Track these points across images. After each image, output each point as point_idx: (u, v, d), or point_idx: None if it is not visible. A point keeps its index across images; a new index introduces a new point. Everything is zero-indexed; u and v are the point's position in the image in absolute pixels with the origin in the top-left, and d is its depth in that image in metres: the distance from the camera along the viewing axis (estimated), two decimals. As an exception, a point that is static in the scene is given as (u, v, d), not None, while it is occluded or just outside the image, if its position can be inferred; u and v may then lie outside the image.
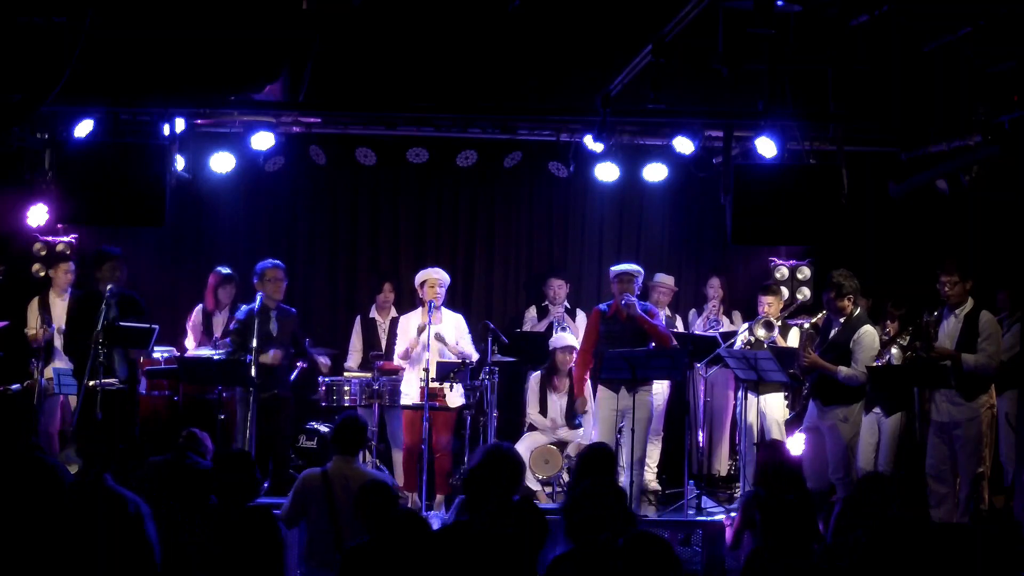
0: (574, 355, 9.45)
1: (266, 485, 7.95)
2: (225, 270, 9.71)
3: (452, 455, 9.08)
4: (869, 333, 8.24)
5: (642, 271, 9.01)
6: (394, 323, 9.67)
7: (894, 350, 8.37)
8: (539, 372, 9.66)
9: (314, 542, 6.19)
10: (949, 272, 7.95)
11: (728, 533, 6.72)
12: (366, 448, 9.33)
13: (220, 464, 5.89)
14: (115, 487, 5.65)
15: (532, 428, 9.68)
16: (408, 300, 9.92)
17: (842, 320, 8.27)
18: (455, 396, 8.99)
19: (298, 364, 9.21)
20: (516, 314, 10.68)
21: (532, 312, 10.42)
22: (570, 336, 9.69)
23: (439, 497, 8.84)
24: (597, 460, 6.31)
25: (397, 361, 9.24)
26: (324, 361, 9.24)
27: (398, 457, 9.39)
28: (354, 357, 10.00)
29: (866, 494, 5.77)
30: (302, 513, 6.27)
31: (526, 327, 10.28)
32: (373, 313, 10.11)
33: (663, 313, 9.82)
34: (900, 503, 5.88)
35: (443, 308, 9.10)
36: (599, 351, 8.68)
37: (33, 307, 9.31)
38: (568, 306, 10.27)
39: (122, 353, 8.38)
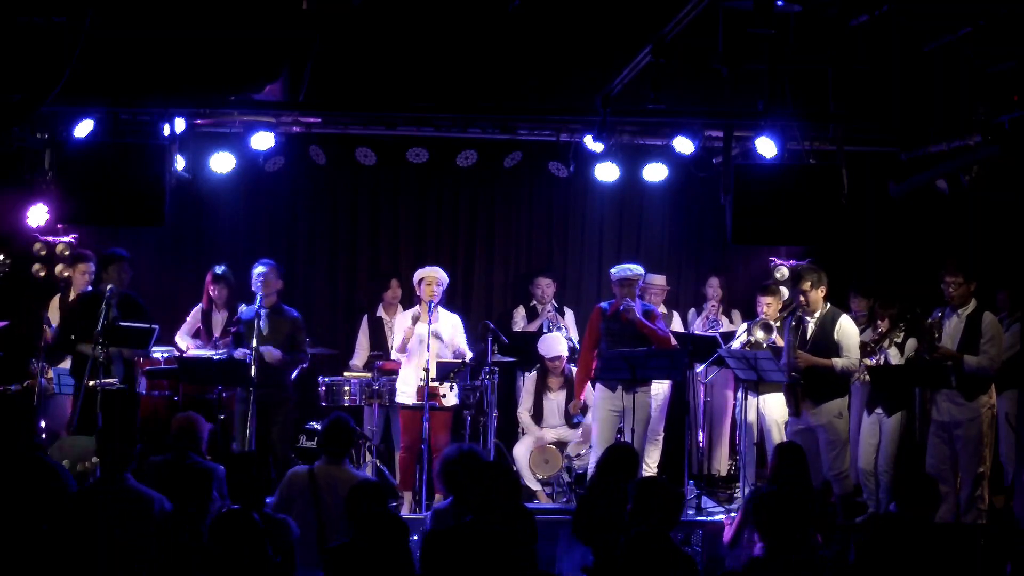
0: (563, 361, 9.46)
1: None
2: (219, 269, 9.68)
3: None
4: (849, 321, 8.36)
5: (643, 273, 9.00)
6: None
7: (891, 349, 8.37)
8: (534, 373, 9.65)
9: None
10: (953, 273, 7.95)
11: (727, 531, 6.71)
12: (366, 448, 9.36)
13: (232, 466, 5.92)
14: (139, 487, 5.73)
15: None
16: (409, 300, 9.91)
17: (816, 315, 8.29)
18: (453, 396, 8.98)
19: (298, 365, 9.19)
20: (503, 314, 10.57)
21: (521, 312, 10.37)
22: (559, 343, 9.54)
23: (438, 496, 8.83)
24: (620, 460, 6.32)
25: (395, 355, 9.22)
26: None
27: (398, 457, 9.38)
28: (360, 355, 10.00)
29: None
30: (286, 510, 6.26)
31: (515, 328, 10.22)
32: (380, 312, 10.10)
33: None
34: (900, 503, 5.88)
35: (440, 308, 9.07)
36: (600, 350, 8.69)
37: (54, 307, 9.28)
38: (555, 304, 10.25)
39: (118, 352, 8.38)
